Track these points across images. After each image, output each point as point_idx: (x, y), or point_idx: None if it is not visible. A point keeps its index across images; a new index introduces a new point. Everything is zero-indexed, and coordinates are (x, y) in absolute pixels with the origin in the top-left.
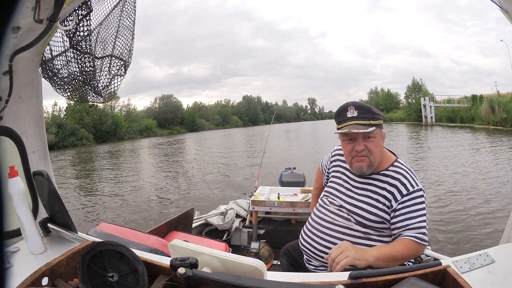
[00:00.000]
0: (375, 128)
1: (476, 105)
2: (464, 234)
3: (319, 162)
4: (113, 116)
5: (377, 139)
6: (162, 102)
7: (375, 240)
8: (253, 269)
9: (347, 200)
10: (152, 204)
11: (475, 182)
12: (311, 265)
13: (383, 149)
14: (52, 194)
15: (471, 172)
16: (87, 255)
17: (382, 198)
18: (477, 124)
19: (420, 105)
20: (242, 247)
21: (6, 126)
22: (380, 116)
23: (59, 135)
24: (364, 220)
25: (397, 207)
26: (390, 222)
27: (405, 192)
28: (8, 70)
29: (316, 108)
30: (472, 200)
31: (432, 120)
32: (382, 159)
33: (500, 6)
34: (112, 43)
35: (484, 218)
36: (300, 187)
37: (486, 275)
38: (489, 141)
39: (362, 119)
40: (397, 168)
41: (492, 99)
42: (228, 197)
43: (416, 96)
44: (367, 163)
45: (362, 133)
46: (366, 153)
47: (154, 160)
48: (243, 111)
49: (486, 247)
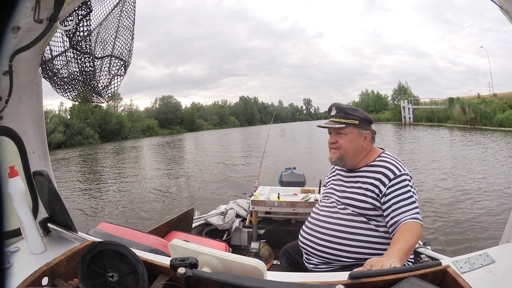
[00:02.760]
0: (346, 126)
1: (452, 107)
2: (464, 234)
3: (318, 161)
4: (117, 116)
5: (350, 137)
6: (163, 102)
7: (371, 229)
8: (253, 269)
9: (341, 194)
10: (152, 204)
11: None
12: (310, 264)
13: (367, 146)
14: (52, 194)
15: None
16: (87, 255)
17: (371, 186)
18: (449, 124)
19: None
20: (242, 247)
21: (6, 126)
22: (355, 116)
23: (67, 134)
24: (357, 209)
25: (386, 191)
26: (383, 208)
27: (392, 177)
28: (8, 70)
29: (312, 108)
30: (472, 200)
31: (410, 120)
32: (368, 155)
33: (500, 6)
34: (112, 43)
35: (484, 218)
36: (300, 187)
37: (486, 275)
38: (449, 135)
39: (337, 117)
40: (383, 158)
41: (463, 101)
42: (228, 197)
43: (401, 99)
44: (337, 155)
45: (330, 127)
46: (337, 146)
47: (155, 160)
48: (240, 112)
49: (486, 247)
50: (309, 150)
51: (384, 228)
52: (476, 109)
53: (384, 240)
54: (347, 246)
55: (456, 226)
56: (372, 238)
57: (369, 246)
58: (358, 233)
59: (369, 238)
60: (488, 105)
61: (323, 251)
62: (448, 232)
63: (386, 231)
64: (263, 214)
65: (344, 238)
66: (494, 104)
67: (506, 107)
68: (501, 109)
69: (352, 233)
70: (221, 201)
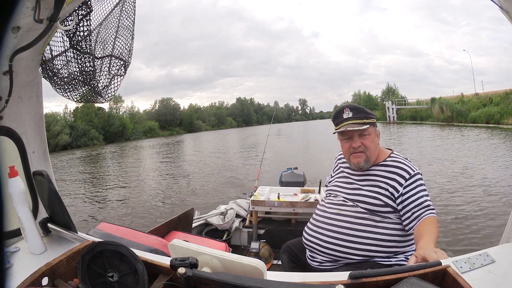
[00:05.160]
0: (369, 126)
1: (433, 106)
2: (464, 234)
3: (317, 160)
4: (120, 118)
5: (372, 136)
6: (162, 104)
7: (381, 227)
8: (253, 269)
9: (351, 192)
10: (152, 204)
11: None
12: (314, 262)
13: (379, 145)
14: (52, 194)
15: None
16: (87, 255)
17: (385, 185)
18: (430, 122)
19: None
20: (242, 247)
21: (6, 126)
22: (373, 115)
23: (72, 136)
24: (369, 206)
25: (403, 191)
26: (400, 206)
27: (408, 177)
28: (8, 70)
29: (307, 108)
30: (472, 200)
31: (394, 119)
32: (379, 154)
33: (500, 6)
34: (112, 43)
35: (484, 218)
36: (300, 187)
37: (486, 275)
38: (425, 131)
39: (357, 119)
40: (395, 158)
41: (442, 101)
42: (228, 197)
43: (389, 99)
44: (364, 158)
45: (357, 130)
46: (362, 149)
47: (156, 160)
48: (237, 113)
49: (486, 247)
50: (309, 150)
51: (392, 226)
52: (452, 108)
53: (392, 237)
54: (357, 244)
55: (456, 226)
56: (382, 236)
57: (378, 243)
58: (368, 230)
59: (378, 235)
60: (465, 105)
61: (330, 248)
62: (448, 232)
63: (394, 228)
64: (263, 214)
65: (354, 236)
66: (471, 103)
67: (481, 106)
68: (475, 108)
69: (362, 231)
70: (221, 201)
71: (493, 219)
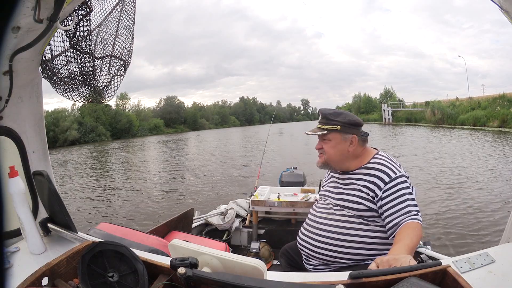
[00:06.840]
0: (327, 132)
1: (426, 109)
2: (464, 234)
3: (315, 158)
4: (126, 115)
5: (333, 142)
6: (167, 102)
7: (368, 230)
8: (253, 269)
9: (337, 196)
10: (152, 204)
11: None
12: (310, 265)
13: (355, 150)
14: (52, 194)
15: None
16: (87, 255)
17: (365, 189)
18: (422, 123)
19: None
20: (242, 247)
21: (6, 126)
22: (337, 122)
23: (80, 131)
24: (354, 211)
25: (383, 195)
26: (380, 211)
27: (388, 180)
28: (8, 70)
29: (309, 109)
30: (472, 200)
31: (390, 121)
32: (363, 156)
33: (500, 7)
34: (112, 43)
35: (484, 218)
36: (300, 187)
37: (486, 275)
38: (416, 132)
39: (321, 124)
40: (377, 159)
41: (434, 104)
42: (228, 197)
43: (387, 102)
44: (322, 160)
45: (314, 134)
46: (322, 152)
47: (160, 159)
48: (240, 112)
49: (486, 247)
50: (309, 150)
51: (381, 229)
52: (443, 111)
53: (381, 240)
54: (345, 248)
55: (456, 226)
56: (369, 239)
57: (367, 247)
58: (355, 234)
59: (366, 239)
60: (455, 108)
61: (321, 252)
62: (448, 232)
63: (383, 231)
64: (263, 214)
65: (341, 240)
66: (461, 107)
67: (469, 110)
68: (465, 111)
69: (349, 235)
70: (221, 201)
71: (493, 219)
